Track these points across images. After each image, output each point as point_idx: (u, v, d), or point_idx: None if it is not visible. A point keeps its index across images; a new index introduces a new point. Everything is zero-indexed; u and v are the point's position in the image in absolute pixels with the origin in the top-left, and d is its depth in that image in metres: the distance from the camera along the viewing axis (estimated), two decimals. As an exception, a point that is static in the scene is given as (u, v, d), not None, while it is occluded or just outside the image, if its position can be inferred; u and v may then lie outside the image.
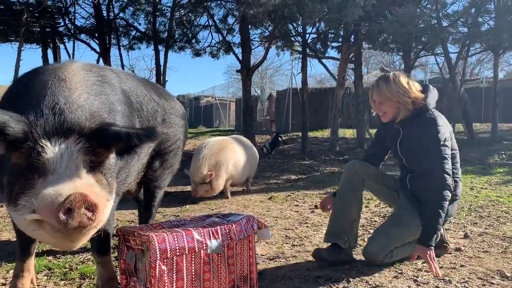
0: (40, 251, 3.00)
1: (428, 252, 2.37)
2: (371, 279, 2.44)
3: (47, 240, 1.75)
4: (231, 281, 2.16)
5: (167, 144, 2.98)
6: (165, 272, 1.95)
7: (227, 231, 2.17)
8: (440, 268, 2.62)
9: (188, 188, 6.08)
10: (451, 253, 2.91)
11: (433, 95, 2.65)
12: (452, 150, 2.58)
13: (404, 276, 2.51)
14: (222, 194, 5.34)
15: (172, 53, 13.12)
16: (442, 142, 2.46)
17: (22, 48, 8.67)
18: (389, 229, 2.65)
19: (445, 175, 2.42)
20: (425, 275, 2.51)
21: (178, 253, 1.98)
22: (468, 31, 11.10)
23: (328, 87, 20.34)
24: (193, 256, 2.04)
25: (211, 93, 30.86)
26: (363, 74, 13.54)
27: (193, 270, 2.04)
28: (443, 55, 12.19)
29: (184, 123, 3.28)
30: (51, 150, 1.61)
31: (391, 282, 2.42)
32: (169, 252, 1.95)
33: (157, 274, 1.92)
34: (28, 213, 1.58)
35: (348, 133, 13.72)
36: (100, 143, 1.71)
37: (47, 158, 1.60)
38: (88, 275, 2.56)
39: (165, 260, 1.95)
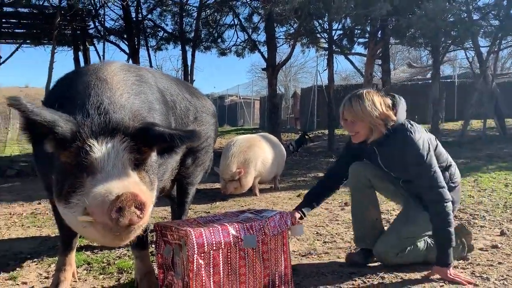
0: (78, 246, 3.10)
1: (448, 272, 2.31)
2: (405, 275, 2.42)
3: (96, 238, 1.81)
4: (266, 276, 2.19)
5: (199, 142, 3.03)
6: (202, 266, 1.99)
7: (262, 226, 2.20)
8: (477, 265, 2.59)
9: (217, 185, 6.15)
10: (487, 251, 2.85)
11: (402, 107, 2.51)
12: (436, 148, 2.54)
13: (440, 273, 2.47)
14: (251, 192, 5.38)
15: (198, 52, 13.25)
16: (425, 158, 2.36)
17: (55, 51, 8.93)
18: (399, 228, 2.58)
19: (441, 190, 2.35)
20: (461, 271, 2.47)
21: (214, 248, 2.02)
22: (500, 24, 10.77)
23: (354, 83, 20.14)
24: (229, 251, 2.08)
25: (236, 92, 30.97)
26: (390, 70, 13.32)
27: (229, 265, 2.08)
28: (473, 49, 11.87)
29: (214, 121, 3.33)
30: (98, 149, 1.67)
31: (427, 279, 2.39)
32: (206, 246, 1.99)
33: (195, 268, 1.97)
34: (80, 213, 1.64)
35: (376, 130, 13.53)
36: (144, 142, 1.76)
37: (95, 157, 1.66)
38: (125, 269, 2.63)
39: (202, 255, 1.99)
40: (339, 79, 25.59)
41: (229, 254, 2.08)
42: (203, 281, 1.99)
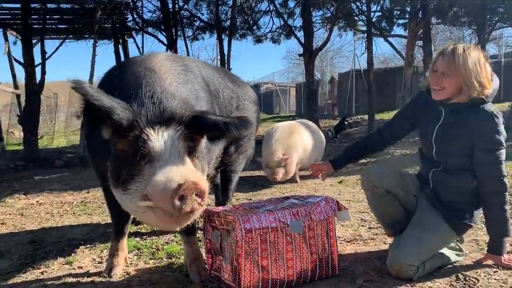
0: (128, 233, 3.20)
1: (502, 258, 2.24)
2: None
3: (154, 222, 1.88)
4: (313, 261, 2.19)
5: (242, 129, 3.05)
6: (251, 251, 2.02)
7: (308, 212, 2.19)
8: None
9: (257, 173, 6.19)
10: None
11: (495, 85, 2.25)
12: None
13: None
14: (291, 180, 5.37)
15: (234, 41, 13.27)
16: (500, 145, 2.17)
17: (96, 44, 9.18)
18: (419, 235, 2.23)
19: (506, 180, 2.18)
20: (516, 258, 2.38)
21: (262, 233, 2.04)
22: (551, -2, 10.15)
23: (393, 66, 19.61)
24: (276, 236, 2.09)
25: (271, 79, 30.85)
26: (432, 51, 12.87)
27: (277, 250, 2.09)
28: (521, 25, 11.28)
29: (256, 108, 3.34)
30: (155, 138, 1.72)
31: (479, 264, 2.32)
32: (253, 231, 2.02)
33: (243, 253, 2.00)
34: (140, 199, 1.71)
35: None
36: (197, 130, 1.81)
37: (152, 146, 1.71)
38: (174, 254, 2.70)
39: (250, 240, 2.01)
40: (377, 62, 24.94)
41: (276, 239, 2.09)
42: (252, 265, 2.02)
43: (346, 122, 11.27)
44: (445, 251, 2.36)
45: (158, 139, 1.72)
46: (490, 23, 11.66)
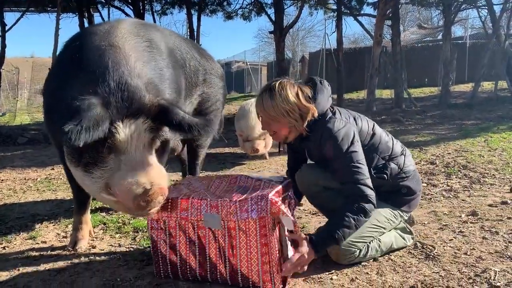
0: (93, 208, 3.17)
1: (312, 257, 1.91)
2: (415, 230, 2.45)
3: (112, 207, 2.02)
4: (227, 268, 1.86)
5: (207, 104, 3.04)
6: (162, 237, 1.96)
7: (229, 206, 1.81)
8: (486, 220, 2.62)
9: (227, 149, 6.20)
10: (497, 207, 2.88)
11: (323, 94, 2.11)
12: (371, 139, 2.18)
13: (449, 228, 2.51)
14: (261, 156, 5.39)
15: (204, 17, 13.04)
16: (346, 149, 1.99)
17: (60, 17, 8.83)
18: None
19: (360, 186, 1.96)
20: (471, 227, 2.50)
21: (172, 219, 1.92)
22: (515, -20, 10.42)
23: (363, 46, 19.79)
24: (187, 226, 1.90)
25: (242, 58, 30.55)
26: (400, 31, 13.03)
27: (189, 241, 1.92)
28: (486, 7, 11.55)
29: (223, 84, 3.32)
30: (123, 131, 1.73)
31: (436, 234, 2.43)
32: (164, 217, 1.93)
33: (154, 238, 1.97)
34: (103, 187, 1.80)
35: (385, 93, 13.40)
36: (163, 123, 1.83)
37: (119, 139, 1.73)
38: (140, 229, 2.70)
39: (161, 225, 1.95)
40: (347, 42, 25.10)
41: (187, 229, 1.90)
42: (163, 251, 1.97)
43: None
44: (394, 235, 2.23)
45: (126, 132, 1.74)
46: (456, 5, 11.89)
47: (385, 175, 2.14)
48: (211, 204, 1.83)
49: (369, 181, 1.99)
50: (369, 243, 2.09)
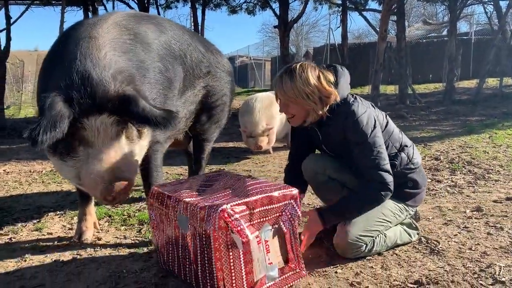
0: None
1: (319, 230, 2.02)
2: (420, 225, 2.45)
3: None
4: (196, 272, 1.73)
5: (213, 98, 3.04)
6: (156, 225, 1.98)
7: (194, 212, 1.67)
8: (491, 216, 2.62)
9: (230, 144, 6.21)
10: (502, 203, 2.88)
11: (345, 79, 2.13)
12: (385, 127, 2.18)
13: (454, 223, 2.51)
14: (265, 151, 5.40)
15: (208, 11, 13.00)
16: (369, 135, 2.01)
17: (65, 10, 8.83)
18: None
19: (382, 173, 1.99)
20: (475, 223, 2.50)
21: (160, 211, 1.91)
22: (522, -24, 10.33)
23: (367, 42, 19.70)
24: (167, 220, 1.86)
25: (246, 52, 30.47)
26: (405, 26, 12.96)
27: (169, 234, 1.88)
28: (492, 3, 11.47)
29: (230, 79, 3.31)
30: (89, 126, 1.82)
31: (440, 229, 2.44)
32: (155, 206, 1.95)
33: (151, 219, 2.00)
34: (75, 176, 1.93)
35: (389, 89, 13.36)
36: (127, 116, 1.88)
37: (86, 134, 1.83)
38: (145, 221, 2.71)
39: (155, 211, 1.97)
40: (352, 37, 25.03)
41: (168, 223, 1.87)
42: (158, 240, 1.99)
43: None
44: (399, 230, 2.22)
45: (91, 127, 1.82)
46: (462, 0, 11.81)
47: (396, 162, 2.16)
48: (183, 206, 1.74)
49: (389, 167, 2.02)
50: (375, 238, 2.10)
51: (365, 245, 2.06)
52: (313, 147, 2.38)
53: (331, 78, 2.06)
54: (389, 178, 2.01)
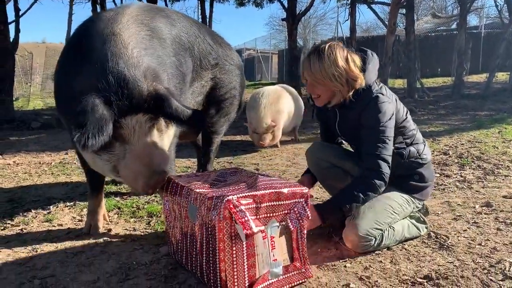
0: (108, 192, 3.21)
1: (317, 224, 1.98)
2: (429, 220, 2.45)
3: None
4: (201, 263, 1.74)
5: (222, 91, 3.04)
6: (168, 218, 2.02)
7: (202, 201, 1.70)
8: (500, 211, 2.60)
9: (238, 137, 6.22)
10: (511, 198, 2.86)
11: (373, 65, 2.14)
12: (401, 122, 2.19)
13: (463, 219, 2.51)
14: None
15: (216, 3, 12.95)
16: (382, 123, 2.02)
17: (73, 2, 8.84)
18: (373, 203, 2.08)
19: (380, 161, 1.99)
20: (485, 218, 2.49)
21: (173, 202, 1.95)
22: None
23: (376, 35, 19.56)
24: (180, 210, 1.88)
25: (253, 45, 30.36)
26: (414, 20, 12.84)
27: (181, 225, 1.90)
28: (503, -4, 11.34)
29: (239, 72, 3.30)
30: (126, 125, 1.87)
31: (450, 224, 2.43)
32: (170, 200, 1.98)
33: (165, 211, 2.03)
34: (111, 169, 1.97)
35: (397, 83, 13.28)
36: (160, 114, 1.94)
37: (123, 132, 1.87)
38: (155, 213, 2.73)
39: (168, 204, 2.01)
40: (360, 31, 24.79)
41: (180, 213, 1.88)
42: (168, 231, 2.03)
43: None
44: (407, 223, 2.22)
45: (128, 126, 1.87)
46: (472, -7, 11.69)
47: (404, 152, 2.18)
48: (194, 196, 1.76)
49: (389, 159, 2.03)
50: (384, 231, 2.09)
51: (374, 239, 2.06)
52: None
53: (358, 61, 2.07)
54: (386, 169, 2.01)
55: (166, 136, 2.09)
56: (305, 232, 1.81)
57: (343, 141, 2.51)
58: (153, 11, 2.56)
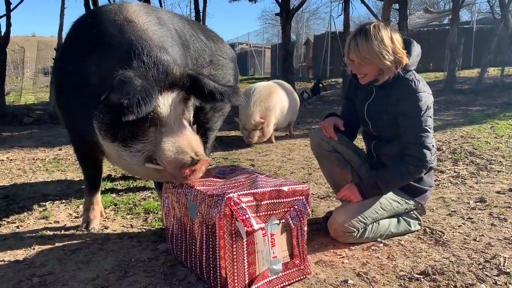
0: (104, 189, 3.20)
1: (356, 197, 2.14)
2: (423, 217, 2.47)
3: (152, 177, 2.13)
4: (201, 260, 1.75)
5: (216, 87, 3.03)
6: (166, 214, 2.02)
7: (202, 199, 1.70)
8: (494, 207, 2.64)
9: (233, 133, 6.22)
10: (505, 194, 2.90)
11: (417, 53, 2.21)
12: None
13: (458, 214, 2.54)
14: (267, 139, 5.41)
15: (209, -2, 12.88)
16: (423, 112, 2.08)
17: (65, -4, 8.75)
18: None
19: (424, 150, 2.08)
20: (479, 214, 2.53)
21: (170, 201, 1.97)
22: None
23: (369, 30, 19.52)
24: (179, 209, 1.89)
25: (246, 39, 30.27)
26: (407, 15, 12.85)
27: (182, 227, 1.90)
28: (495, -8, 11.39)
29: (233, 66, 3.30)
30: (162, 104, 1.79)
31: (445, 220, 2.46)
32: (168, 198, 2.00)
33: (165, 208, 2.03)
34: (145, 160, 1.84)
35: (390, 78, 13.31)
36: (195, 94, 1.90)
37: (160, 112, 1.79)
38: (151, 210, 2.73)
39: (167, 200, 2.01)
40: (353, 25, 24.78)
41: (179, 212, 1.89)
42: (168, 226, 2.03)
43: (321, 85, 11.33)
44: (395, 219, 2.26)
45: (165, 104, 1.79)
46: (464, -12, 11.73)
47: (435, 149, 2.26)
48: (194, 193, 1.77)
49: (431, 146, 2.11)
50: (367, 225, 2.15)
51: (357, 231, 2.12)
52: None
53: (401, 41, 2.12)
54: (429, 156, 2.10)
55: (187, 122, 2.05)
56: (305, 229, 1.82)
57: (362, 130, 2.49)
58: (151, 7, 2.56)
